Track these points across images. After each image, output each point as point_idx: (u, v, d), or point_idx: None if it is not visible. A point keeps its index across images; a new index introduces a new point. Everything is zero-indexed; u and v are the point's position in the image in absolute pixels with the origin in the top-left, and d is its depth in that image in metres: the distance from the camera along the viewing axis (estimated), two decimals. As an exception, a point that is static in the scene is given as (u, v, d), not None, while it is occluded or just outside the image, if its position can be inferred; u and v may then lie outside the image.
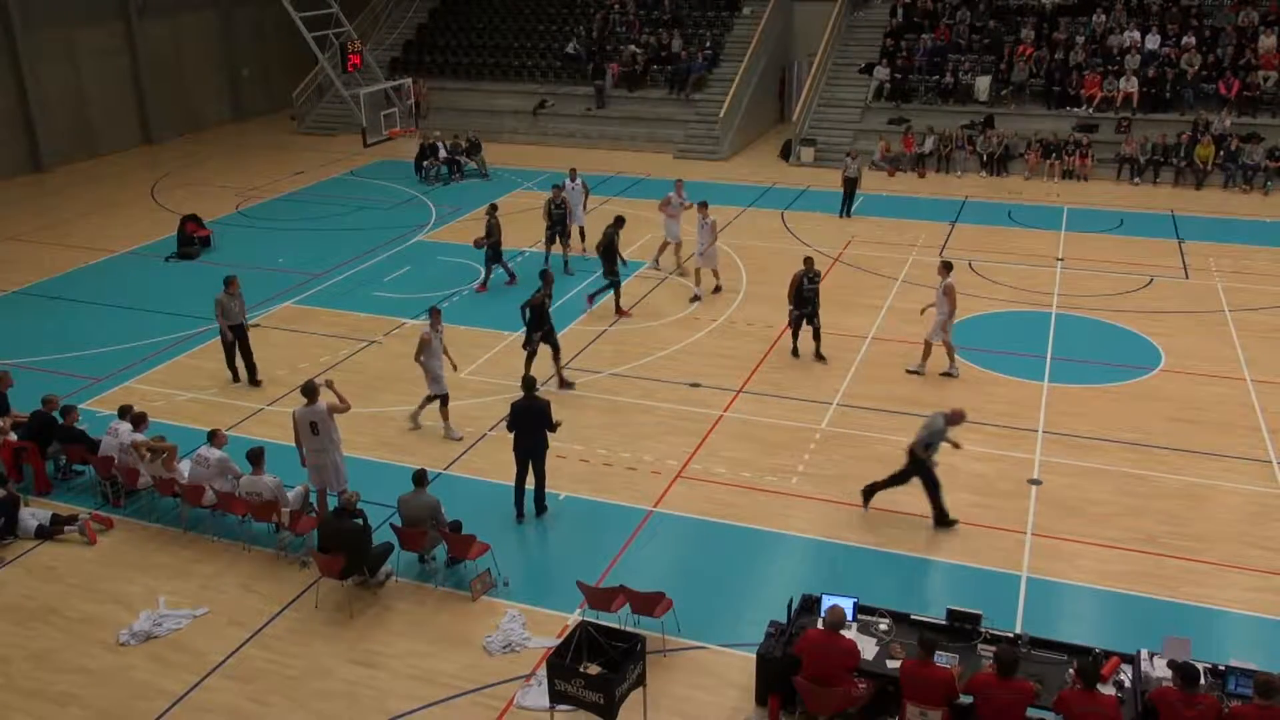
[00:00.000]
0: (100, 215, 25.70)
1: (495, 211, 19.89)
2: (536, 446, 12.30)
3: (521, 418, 12.23)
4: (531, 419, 12.19)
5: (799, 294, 16.45)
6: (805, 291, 16.41)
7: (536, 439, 12.25)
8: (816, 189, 27.05)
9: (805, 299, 16.45)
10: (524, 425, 12.23)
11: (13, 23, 29.01)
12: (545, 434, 12.28)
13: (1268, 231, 23.03)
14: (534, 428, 12.20)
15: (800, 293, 16.42)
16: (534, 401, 12.27)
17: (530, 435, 12.23)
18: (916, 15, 32.49)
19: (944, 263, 16.09)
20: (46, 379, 16.05)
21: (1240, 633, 10.48)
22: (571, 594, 10.69)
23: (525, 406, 12.25)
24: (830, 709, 8.73)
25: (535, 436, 12.24)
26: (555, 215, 20.69)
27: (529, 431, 12.22)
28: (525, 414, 12.22)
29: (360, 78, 30.67)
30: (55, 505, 12.88)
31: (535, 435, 12.23)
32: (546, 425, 12.21)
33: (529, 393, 12.37)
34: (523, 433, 12.25)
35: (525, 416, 12.22)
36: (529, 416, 12.20)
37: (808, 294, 16.43)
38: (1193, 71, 28.27)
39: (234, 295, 15.83)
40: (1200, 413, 14.86)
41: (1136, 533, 12.05)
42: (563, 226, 20.83)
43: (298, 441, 12.16)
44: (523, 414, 12.23)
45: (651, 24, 34.64)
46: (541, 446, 12.34)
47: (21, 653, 10.46)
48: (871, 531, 12.19)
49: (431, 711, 9.58)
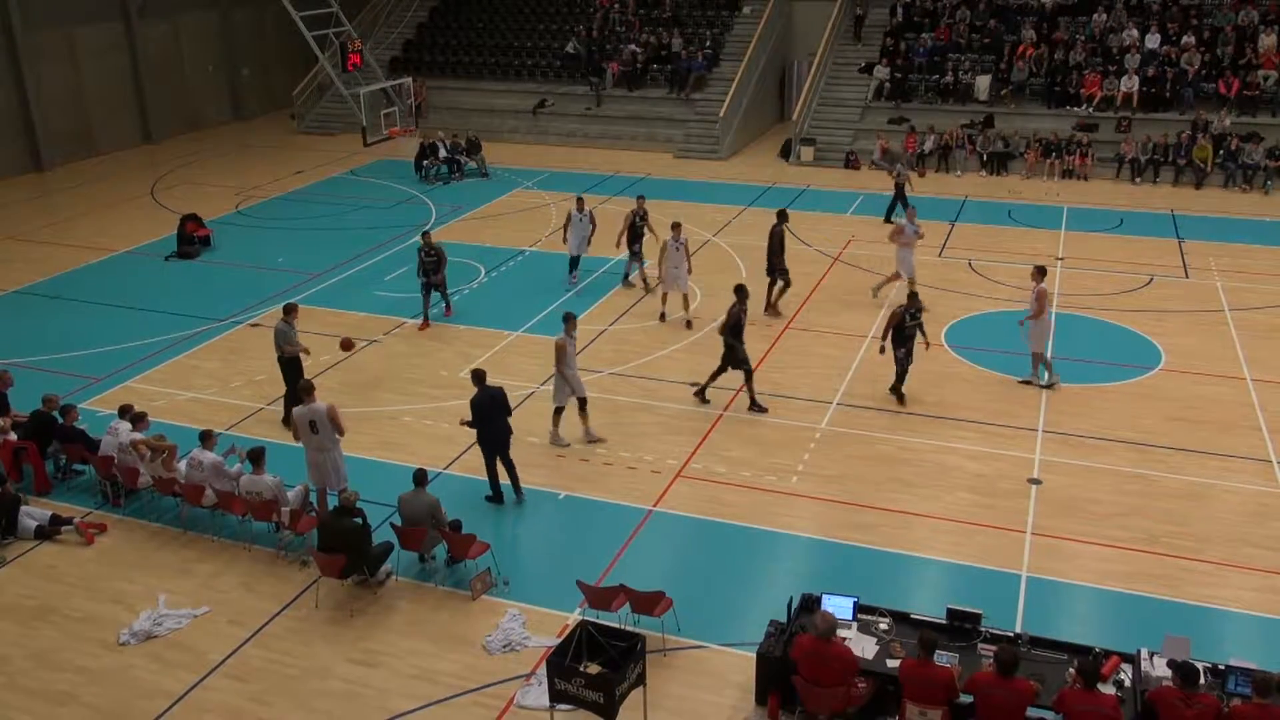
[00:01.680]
0: (100, 215, 25.70)
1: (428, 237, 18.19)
2: (500, 435, 12.54)
3: (482, 409, 12.44)
4: (492, 409, 12.43)
5: (899, 332, 14.71)
6: (907, 328, 14.70)
7: (499, 428, 12.50)
8: (816, 188, 27.05)
9: (906, 336, 14.78)
10: (485, 416, 12.45)
11: (13, 23, 29.01)
12: (507, 422, 12.52)
13: (1268, 231, 23.03)
14: (494, 417, 12.47)
15: (901, 330, 14.69)
16: (490, 391, 12.51)
17: (492, 425, 12.48)
18: (916, 15, 32.49)
19: (1038, 268, 15.54)
20: (46, 378, 16.04)
21: (1240, 632, 10.48)
22: (571, 593, 10.69)
23: (483, 398, 12.47)
24: (830, 708, 8.73)
25: (497, 425, 12.49)
26: (637, 229, 19.51)
27: (490, 421, 12.47)
28: (484, 405, 12.44)
29: (360, 77, 30.66)
30: (55, 505, 12.88)
31: (497, 424, 12.49)
32: (506, 412, 12.50)
33: (482, 384, 12.55)
34: (484, 424, 12.48)
35: (485, 408, 12.44)
36: (489, 407, 12.43)
37: (910, 331, 14.74)
38: (1193, 71, 28.27)
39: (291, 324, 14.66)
40: (1200, 412, 14.86)
41: (1137, 532, 12.05)
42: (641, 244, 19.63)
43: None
44: (482, 405, 12.45)
45: (651, 23, 34.63)
46: (505, 434, 12.58)
47: (21, 652, 10.46)
48: (871, 531, 12.19)
49: (431, 711, 9.58)
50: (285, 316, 14.55)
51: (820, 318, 18.36)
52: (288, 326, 14.41)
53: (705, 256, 21.79)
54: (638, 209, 19.64)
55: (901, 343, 14.80)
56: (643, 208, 19.71)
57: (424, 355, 17.15)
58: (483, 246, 22.47)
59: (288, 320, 14.48)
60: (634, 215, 19.54)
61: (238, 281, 20.77)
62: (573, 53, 34.25)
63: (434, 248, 17.91)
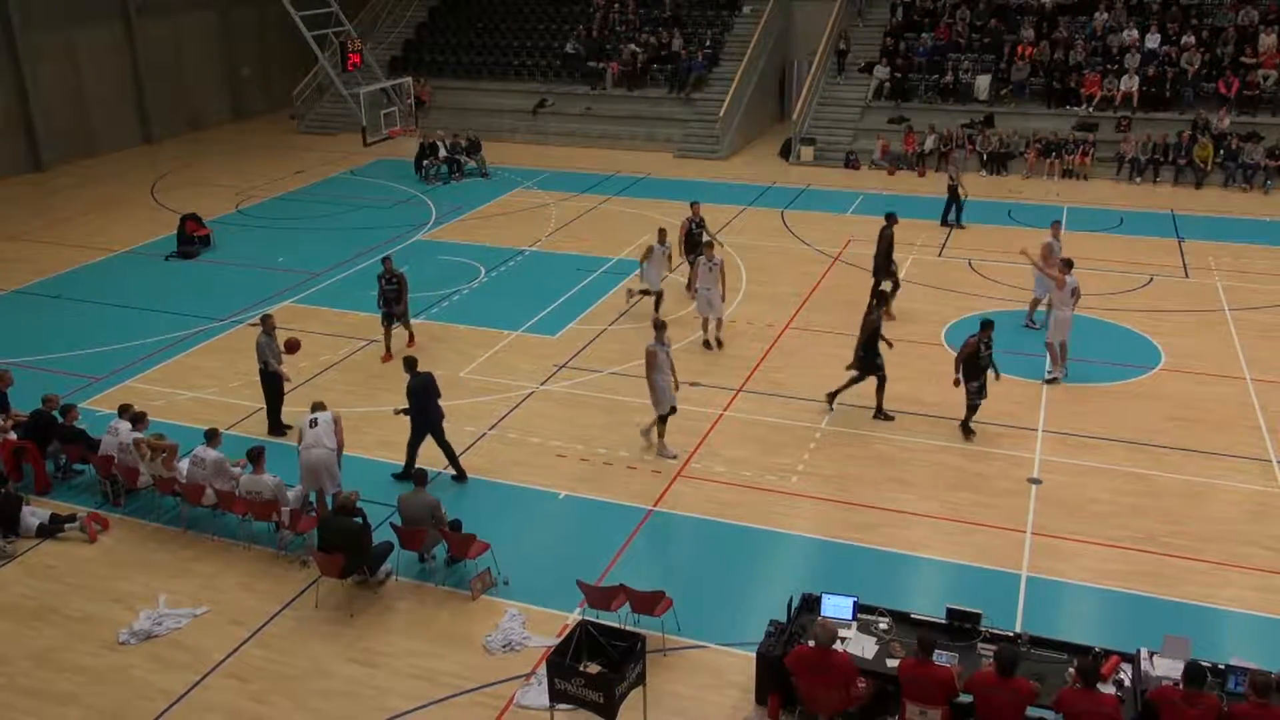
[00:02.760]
0: (100, 215, 25.69)
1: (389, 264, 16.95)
2: (434, 419, 13.04)
3: (416, 395, 12.95)
4: (426, 395, 12.95)
5: (973, 363, 13.75)
6: (982, 359, 13.82)
7: (433, 412, 13.01)
8: (816, 188, 27.06)
9: (981, 368, 13.86)
10: (420, 402, 12.95)
11: (13, 23, 28.99)
12: (439, 406, 13.10)
13: (1267, 230, 23.03)
14: (428, 402, 12.97)
15: (976, 361, 13.76)
16: (423, 377, 13.00)
17: (426, 410, 12.97)
18: (916, 14, 32.49)
19: (1065, 260, 15.79)
20: (46, 378, 16.04)
21: (1240, 632, 10.48)
22: (571, 593, 10.68)
23: (417, 384, 12.93)
24: (830, 709, 8.73)
25: (431, 410, 13.00)
26: (694, 237, 18.62)
27: (424, 406, 12.96)
28: (419, 391, 12.94)
29: (360, 77, 30.62)
30: (55, 504, 12.87)
31: (431, 409, 13.00)
32: (438, 396, 13.08)
33: (415, 371, 13.02)
34: (419, 410, 12.98)
35: (419, 394, 12.94)
36: (423, 393, 12.95)
37: (984, 362, 13.86)
38: (1193, 70, 28.27)
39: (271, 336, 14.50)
40: (1200, 412, 14.86)
41: (1136, 532, 12.05)
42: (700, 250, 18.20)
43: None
44: (416, 392, 12.94)
45: (651, 23, 34.63)
46: (438, 418, 13.11)
47: (22, 652, 10.47)
48: (871, 531, 12.19)
49: (431, 711, 9.58)
50: (264, 330, 14.38)
51: (820, 318, 18.36)
52: (268, 340, 14.26)
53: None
54: (693, 215, 18.87)
55: (975, 375, 13.77)
56: (698, 214, 18.94)
57: (423, 355, 17.10)
58: (483, 246, 22.47)
59: (268, 334, 14.30)
60: (690, 222, 18.77)
61: (237, 281, 20.77)
62: (572, 53, 34.26)
63: (395, 275, 16.65)
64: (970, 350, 13.70)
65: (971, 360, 13.72)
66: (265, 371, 14.32)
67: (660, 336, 13.65)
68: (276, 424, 14.54)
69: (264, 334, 14.32)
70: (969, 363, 13.73)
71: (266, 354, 14.23)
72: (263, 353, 14.23)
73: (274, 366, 14.26)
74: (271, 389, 14.45)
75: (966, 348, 13.77)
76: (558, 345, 17.37)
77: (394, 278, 16.67)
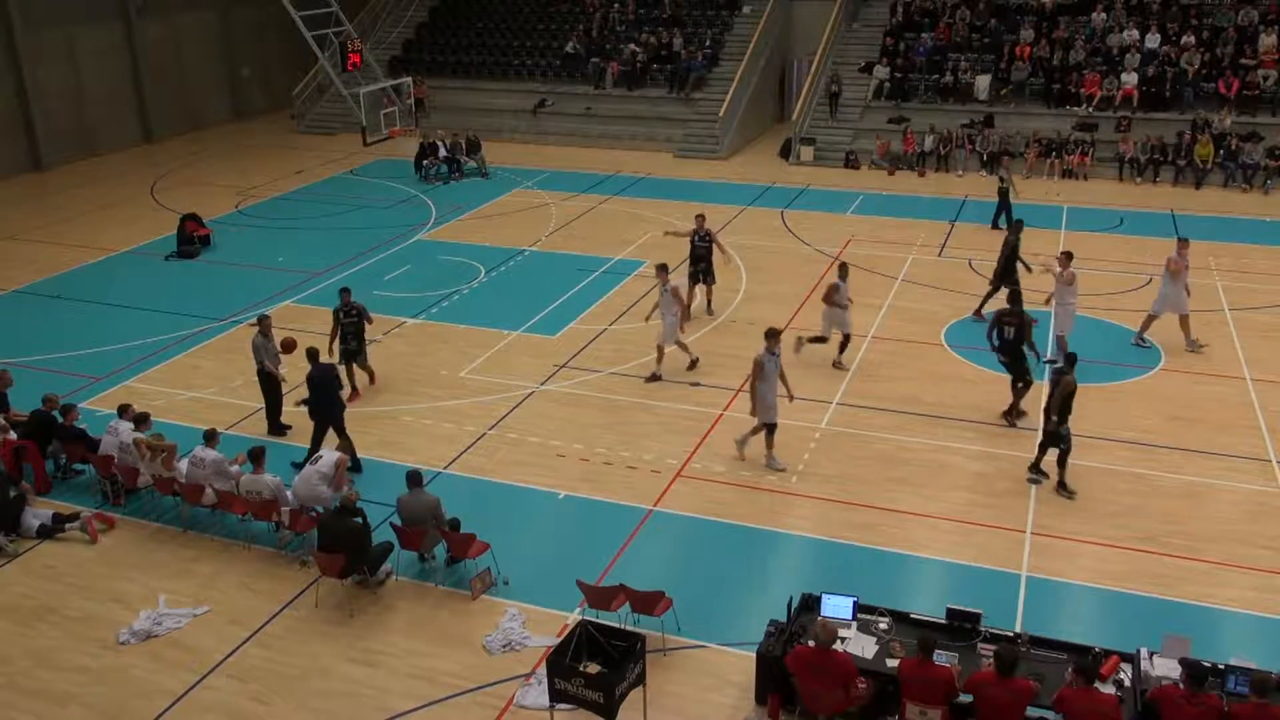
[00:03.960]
0: (100, 214, 25.70)
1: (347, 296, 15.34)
2: (333, 410, 13.41)
3: (314, 385, 13.29)
4: (325, 385, 13.29)
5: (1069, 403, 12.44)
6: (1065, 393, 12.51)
7: (333, 404, 13.39)
8: (816, 188, 27.06)
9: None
10: (318, 393, 13.32)
11: (13, 23, 29.00)
12: (340, 396, 13.51)
13: (1267, 230, 23.03)
14: (326, 393, 13.32)
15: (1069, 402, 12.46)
16: (324, 368, 13.33)
17: (326, 399, 13.33)
18: (916, 14, 32.49)
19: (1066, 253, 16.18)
20: (46, 378, 16.04)
21: (1240, 632, 10.48)
22: (571, 593, 10.68)
23: (318, 375, 13.27)
24: (830, 709, 8.73)
25: (330, 401, 13.36)
26: (699, 250, 17.84)
27: (323, 396, 13.31)
28: (317, 382, 13.27)
29: (360, 77, 30.66)
30: (55, 504, 12.87)
31: (330, 399, 13.35)
32: (340, 387, 13.56)
33: (316, 362, 13.34)
34: (318, 401, 13.35)
35: (318, 384, 13.27)
36: (322, 384, 13.26)
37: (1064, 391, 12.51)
38: (1192, 70, 28.27)
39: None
40: (1200, 412, 14.85)
41: (1136, 532, 12.05)
42: (706, 264, 17.86)
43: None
44: (315, 382, 13.28)
45: (651, 23, 34.63)
46: (339, 409, 13.48)
47: (22, 651, 10.47)
48: (871, 531, 12.19)
49: (431, 710, 9.58)
50: (260, 330, 14.31)
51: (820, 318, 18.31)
52: (264, 340, 14.17)
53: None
54: (697, 228, 17.92)
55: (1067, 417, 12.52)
56: (703, 227, 17.88)
57: (423, 355, 17.15)
58: (483, 246, 22.48)
59: (264, 335, 14.21)
60: (694, 235, 17.94)
61: (238, 281, 20.78)
62: (572, 53, 34.26)
63: (354, 307, 15.18)
64: (1070, 390, 12.39)
65: (1068, 401, 12.44)
66: (262, 372, 14.31)
67: (771, 346, 13.13)
68: (276, 424, 14.54)
69: (260, 335, 14.31)
70: (1064, 403, 12.43)
71: (263, 355, 14.21)
72: (259, 354, 14.22)
73: (270, 368, 14.23)
74: (270, 390, 14.44)
75: (1065, 387, 12.39)
76: (558, 345, 17.38)
77: (353, 310, 15.19)
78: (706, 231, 17.89)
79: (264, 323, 14.43)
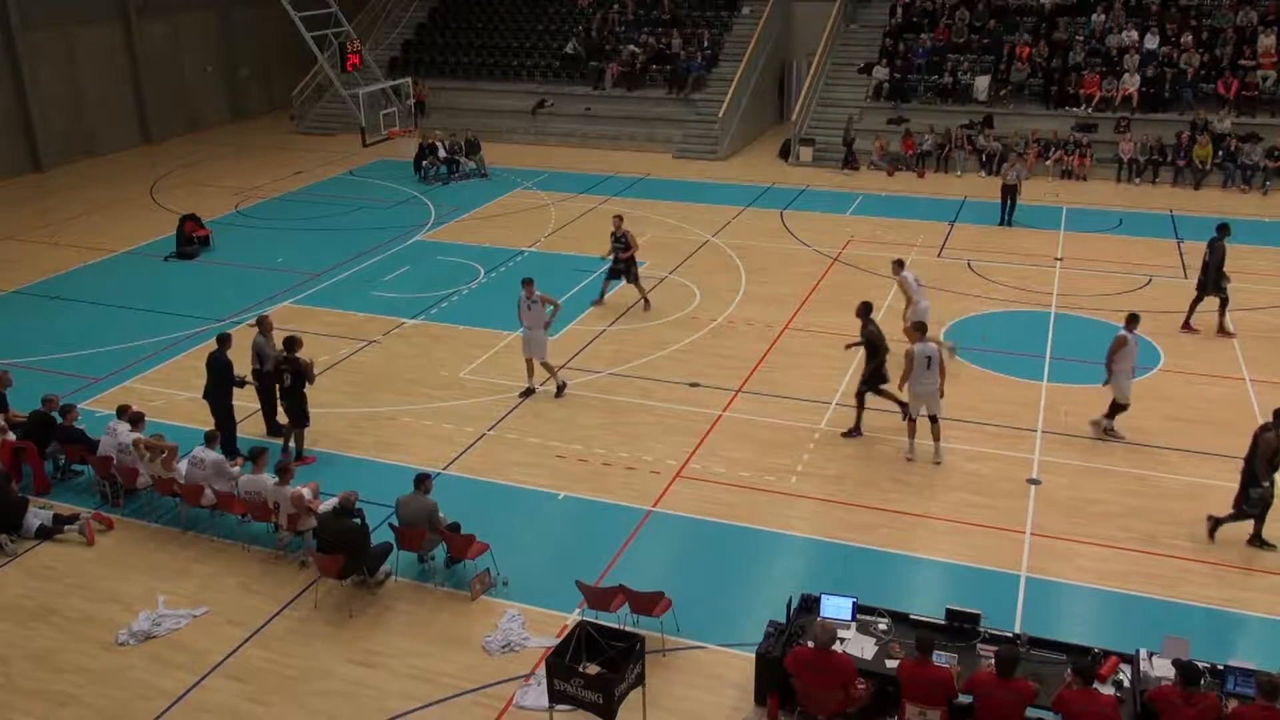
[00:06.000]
0: (100, 215, 25.69)
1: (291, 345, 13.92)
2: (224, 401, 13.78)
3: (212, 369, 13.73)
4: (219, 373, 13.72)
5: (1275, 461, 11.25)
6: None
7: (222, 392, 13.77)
8: (815, 188, 27.06)
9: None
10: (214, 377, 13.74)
11: (13, 23, 28.99)
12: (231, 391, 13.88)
13: (1267, 231, 23.03)
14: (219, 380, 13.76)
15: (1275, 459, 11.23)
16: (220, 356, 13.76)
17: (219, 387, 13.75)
18: (915, 15, 32.50)
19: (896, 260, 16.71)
20: (46, 378, 16.04)
21: (1240, 632, 10.48)
22: (571, 594, 10.68)
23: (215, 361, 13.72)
24: (829, 710, 8.73)
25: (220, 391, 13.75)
26: (616, 246, 18.53)
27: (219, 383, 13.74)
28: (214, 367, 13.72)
29: (359, 77, 30.64)
30: (54, 505, 12.86)
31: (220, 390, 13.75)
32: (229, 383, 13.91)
33: (221, 345, 13.83)
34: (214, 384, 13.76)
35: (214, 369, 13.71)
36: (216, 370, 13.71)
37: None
38: (1192, 71, 28.28)
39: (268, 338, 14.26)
40: (1200, 412, 14.86)
41: (1136, 532, 12.05)
42: (625, 264, 18.53)
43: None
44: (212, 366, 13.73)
45: (651, 23, 34.64)
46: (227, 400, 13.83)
47: (21, 652, 10.46)
48: (871, 531, 12.19)
49: (431, 711, 9.58)
50: (261, 330, 14.28)
51: (820, 318, 18.36)
52: (264, 340, 14.15)
53: (704, 257, 21.82)
54: (615, 229, 18.64)
55: (1271, 473, 11.25)
56: (620, 228, 18.58)
57: (422, 355, 17.15)
58: (482, 246, 22.48)
59: (264, 335, 14.17)
60: (611, 235, 18.69)
61: (237, 281, 20.77)
62: (572, 53, 34.26)
63: (292, 358, 13.64)
64: (1274, 448, 11.10)
65: (1273, 460, 11.22)
66: (261, 372, 14.29)
67: (1130, 327, 13.71)
68: (275, 425, 14.53)
69: (260, 335, 14.29)
70: (1271, 461, 11.24)
71: (265, 355, 14.21)
72: (260, 353, 14.22)
73: (269, 368, 14.16)
74: (268, 390, 14.40)
75: (1268, 446, 11.14)
76: (557, 345, 17.35)
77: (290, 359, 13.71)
78: (625, 233, 18.54)
79: (264, 323, 14.42)
